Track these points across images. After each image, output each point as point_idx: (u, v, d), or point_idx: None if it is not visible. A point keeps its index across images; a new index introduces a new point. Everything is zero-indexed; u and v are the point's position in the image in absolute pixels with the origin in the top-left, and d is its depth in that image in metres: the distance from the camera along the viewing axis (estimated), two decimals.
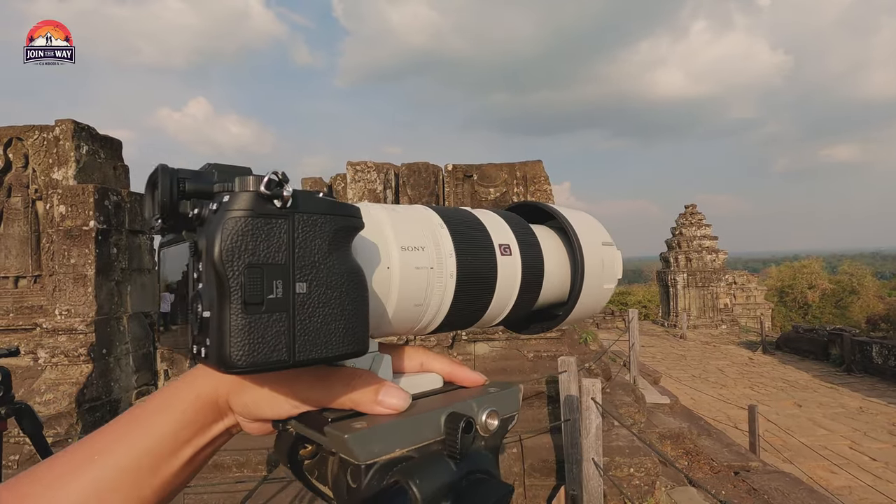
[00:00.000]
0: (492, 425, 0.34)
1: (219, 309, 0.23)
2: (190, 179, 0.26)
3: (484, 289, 0.36)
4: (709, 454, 5.08)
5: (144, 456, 0.33)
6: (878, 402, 10.43)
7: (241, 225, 0.23)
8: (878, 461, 7.66)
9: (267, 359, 0.23)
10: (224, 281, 0.23)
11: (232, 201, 0.24)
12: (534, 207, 0.44)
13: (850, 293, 31.40)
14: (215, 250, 0.23)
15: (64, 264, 4.03)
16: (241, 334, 0.23)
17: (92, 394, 3.96)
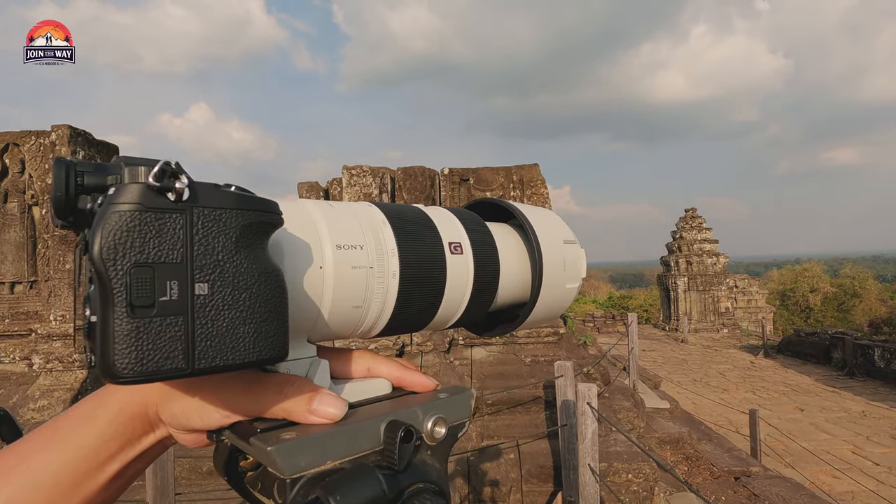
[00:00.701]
0: (439, 433, 0.32)
1: (102, 313, 0.21)
2: (90, 173, 0.24)
3: (431, 289, 0.34)
4: (709, 459, 5.03)
5: (64, 471, 0.31)
6: (880, 406, 10.35)
7: (125, 220, 0.21)
8: (881, 466, 7.58)
9: (159, 367, 0.21)
10: (106, 282, 0.21)
11: (117, 194, 0.22)
12: (492, 205, 0.43)
13: (853, 296, 31.31)
14: (95, 248, 0.21)
15: (59, 269, 4.02)
16: (126, 340, 0.21)
17: None
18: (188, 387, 0.31)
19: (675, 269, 18.88)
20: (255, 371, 0.32)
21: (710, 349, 16.07)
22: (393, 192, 4.06)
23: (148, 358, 0.21)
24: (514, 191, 4.31)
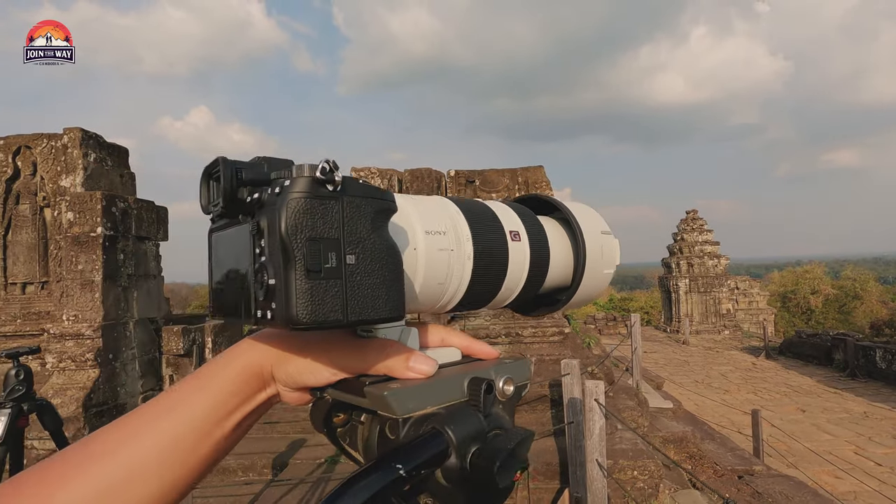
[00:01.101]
0: (508, 391, 0.38)
1: (284, 276, 0.27)
2: (245, 169, 0.30)
3: (497, 271, 0.40)
4: (712, 458, 5.08)
5: (204, 417, 0.37)
6: (882, 407, 10.39)
7: (301, 205, 0.28)
8: (883, 466, 7.62)
9: (326, 318, 0.28)
10: (289, 251, 0.27)
11: (292, 185, 0.28)
12: (538, 200, 0.49)
13: (854, 298, 31.28)
14: (281, 225, 0.27)
15: (71, 270, 4.08)
16: (304, 296, 0.27)
17: (99, 398, 4.00)
18: (302, 349, 0.37)
19: (676, 270, 18.91)
20: (355, 336, 0.38)
21: (712, 350, 16.10)
22: (400, 192, 4.12)
23: (319, 311, 0.27)
24: (519, 192, 4.37)
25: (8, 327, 4.47)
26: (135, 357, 4.43)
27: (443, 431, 0.31)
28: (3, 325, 4.48)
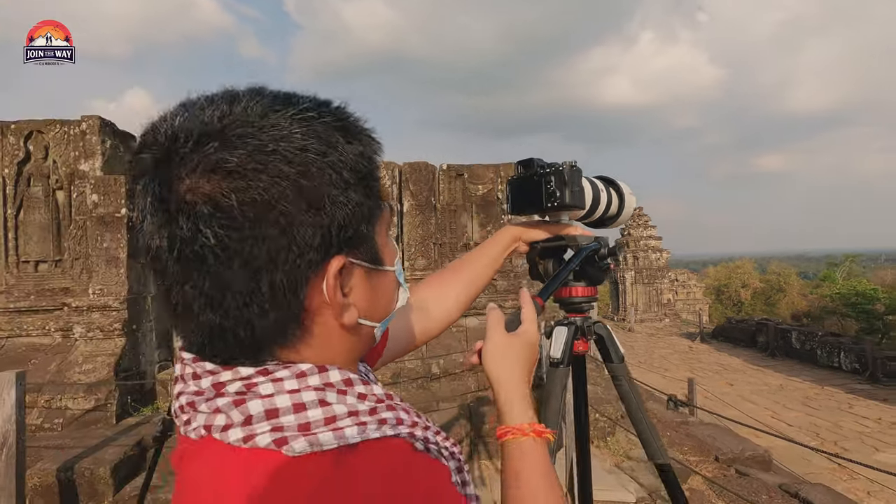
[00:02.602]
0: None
1: (561, 191, 0.96)
2: (540, 162, 0.99)
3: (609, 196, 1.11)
4: (655, 413, 6.08)
5: (495, 259, 1.05)
6: (795, 380, 12.06)
7: (575, 176, 0.96)
8: (793, 426, 9.07)
9: (571, 204, 0.96)
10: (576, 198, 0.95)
11: (570, 169, 0.97)
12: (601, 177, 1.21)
13: (778, 291, 34.27)
14: (566, 195, 0.96)
15: (97, 248, 4.45)
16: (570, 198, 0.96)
17: (125, 364, 4.41)
18: (535, 226, 1.06)
19: (623, 263, 20.44)
20: (554, 222, 1.08)
21: (654, 336, 17.69)
22: (401, 183, 4.77)
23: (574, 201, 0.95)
24: (501, 184, 5.13)
25: (22, 303, 4.74)
26: (152, 329, 4.83)
27: (601, 245, 1.01)
28: (17, 301, 4.75)
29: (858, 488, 6.63)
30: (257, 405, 0.39)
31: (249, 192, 0.37)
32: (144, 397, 4.58)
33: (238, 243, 0.38)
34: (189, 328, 0.42)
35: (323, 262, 0.41)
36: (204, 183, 0.37)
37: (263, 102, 0.40)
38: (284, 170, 0.38)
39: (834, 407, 10.07)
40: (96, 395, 4.12)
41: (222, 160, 0.37)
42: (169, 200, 0.38)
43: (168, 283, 0.41)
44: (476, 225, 5.18)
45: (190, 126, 0.38)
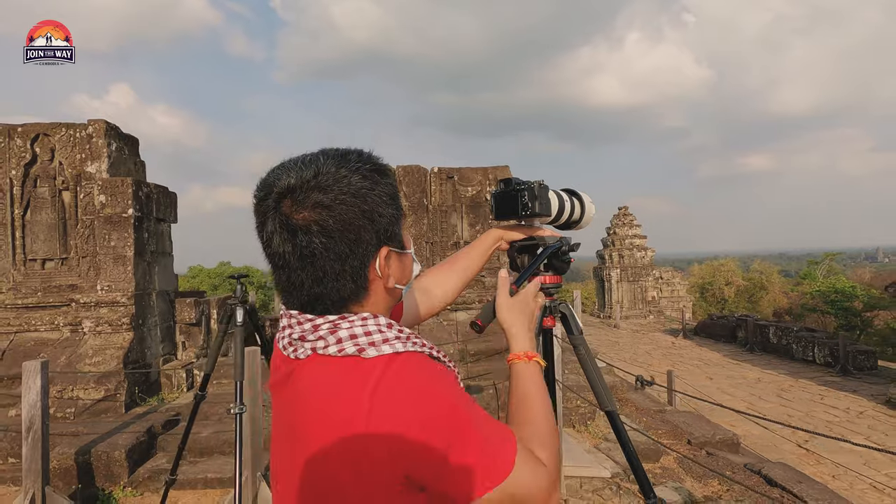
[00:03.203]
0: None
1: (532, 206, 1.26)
2: (519, 182, 1.29)
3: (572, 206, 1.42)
4: (635, 403, 6.46)
5: (483, 254, 1.36)
6: (771, 374, 12.58)
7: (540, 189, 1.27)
8: (767, 416, 9.52)
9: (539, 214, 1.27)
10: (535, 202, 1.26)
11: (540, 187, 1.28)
12: (567, 189, 1.52)
13: (760, 289, 35.07)
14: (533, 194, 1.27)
15: (104, 246, 4.67)
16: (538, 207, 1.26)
17: (133, 357, 4.64)
18: (514, 228, 1.37)
19: (609, 261, 20.93)
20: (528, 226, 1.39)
21: (639, 333, 18.17)
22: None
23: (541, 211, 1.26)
24: (490, 186, 5.44)
25: (30, 299, 4.95)
26: (157, 324, 5.06)
27: (561, 241, 1.31)
28: (25, 297, 4.95)
29: (824, 472, 7.07)
30: (344, 333, 0.70)
31: (337, 216, 0.68)
32: (150, 388, 4.82)
33: (333, 245, 0.69)
34: (298, 297, 0.73)
35: (376, 251, 0.72)
36: (312, 214, 0.68)
37: (333, 162, 0.71)
38: (352, 202, 0.69)
39: (807, 398, 10.58)
40: (106, 385, 4.35)
41: (320, 201, 0.68)
42: (292, 224, 0.68)
43: (288, 272, 0.71)
44: (466, 225, 5.49)
45: (298, 182, 0.69)
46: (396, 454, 0.63)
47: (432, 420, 0.64)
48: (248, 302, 2.17)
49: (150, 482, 3.70)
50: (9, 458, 3.91)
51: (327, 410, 0.67)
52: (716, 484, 3.83)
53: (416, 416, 0.64)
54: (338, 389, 0.68)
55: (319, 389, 0.69)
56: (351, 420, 0.64)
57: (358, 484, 0.64)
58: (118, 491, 3.68)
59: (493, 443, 0.67)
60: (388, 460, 0.63)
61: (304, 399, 0.71)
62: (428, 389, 0.67)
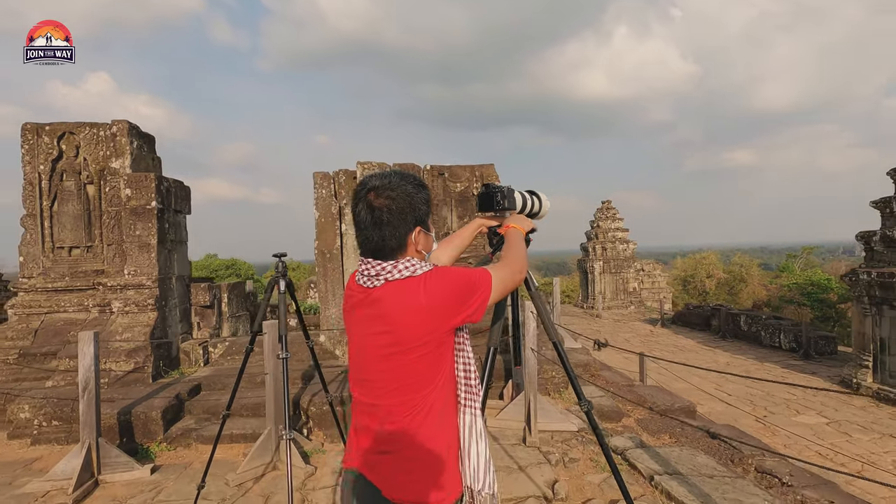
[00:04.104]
0: None
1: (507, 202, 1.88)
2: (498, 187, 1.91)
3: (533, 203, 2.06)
4: (607, 378, 7.18)
5: (470, 236, 1.99)
6: (740, 358, 13.48)
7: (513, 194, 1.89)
8: (732, 396, 10.38)
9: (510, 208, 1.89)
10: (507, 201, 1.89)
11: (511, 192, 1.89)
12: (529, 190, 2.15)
13: (740, 281, 36.23)
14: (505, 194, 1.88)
15: (130, 235, 5.21)
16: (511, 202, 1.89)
17: (157, 334, 5.21)
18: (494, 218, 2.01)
19: (592, 254, 21.75)
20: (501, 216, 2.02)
21: (619, 322, 19.04)
22: None
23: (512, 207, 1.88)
24: (476, 183, 6.08)
25: (59, 283, 5.47)
26: (176, 305, 5.62)
27: None
28: (54, 281, 5.47)
29: (777, 441, 7.90)
30: (401, 266, 1.33)
31: (396, 205, 1.33)
32: (171, 362, 5.39)
33: (392, 220, 1.33)
34: (369, 247, 1.36)
35: (413, 228, 1.37)
36: (384, 201, 1.33)
37: (399, 177, 1.36)
38: (405, 199, 1.34)
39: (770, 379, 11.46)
40: (135, 358, 4.92)
41: (389, 195, 1.33)
42: (372, 205, 1.33)
43: (367, 232, 1.35)
44: (455, 217, 6.11)
45: (380, 184, 1.34)
46: (442, 307, 1.27)
47: (457, 285, 1.31)
48: (286, 276, 2.76)
49: (181, 439, 4.30)
50: (53, 420, 4.47)
51: (404, 298, 1.30)
52: (666, 437, 4.54)
53: (448, 283, 1.29)
54: (406, 288, 1.31)
55: (396, 293, 1.32)
56: (416, 295, 1.28)
57: (424, 334, 1.28)
58: (154, 446, 4.27)
59: (482, 277, 1.35)
60: (440, 312, 1.27)
61: (386, 300, 1.34)
62: (448, 272, 1.33)
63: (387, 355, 1.31)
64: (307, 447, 4.11)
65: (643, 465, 3.61)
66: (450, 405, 1.37)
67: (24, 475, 3.92)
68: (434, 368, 1.32)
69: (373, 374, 1.35)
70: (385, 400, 1.33)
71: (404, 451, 1.31)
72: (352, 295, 1.43)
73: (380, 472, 1.32)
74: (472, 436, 1.39)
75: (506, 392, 5.17)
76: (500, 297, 1.47)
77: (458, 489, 1.36)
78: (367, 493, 1.32)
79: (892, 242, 9.80)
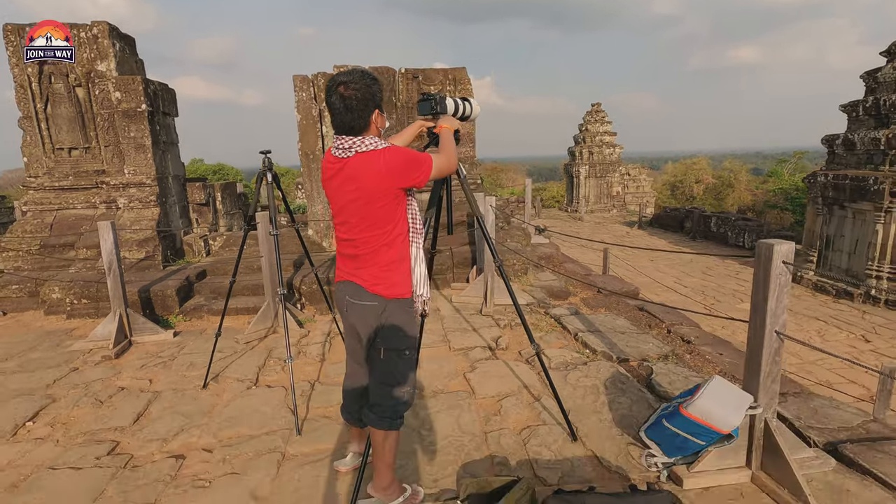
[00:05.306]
0: None
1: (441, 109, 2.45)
2: (432, 95, 2.47)
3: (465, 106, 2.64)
4: (568, 269, 8.12)
5: (413, 134, 2.60)
6: (704, 256, 14.59)
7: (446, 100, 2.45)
8: (687, 287, 11.53)
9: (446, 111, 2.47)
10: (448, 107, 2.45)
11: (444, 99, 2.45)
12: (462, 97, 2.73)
13: (727, 187, 36.90)
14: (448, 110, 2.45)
15: (126, 136, 5.69)
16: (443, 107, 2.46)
17: (162, 227, 5.90)
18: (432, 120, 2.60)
19: (578, 158, 22.13)
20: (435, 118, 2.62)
21: (600, 224, 20.00)
22: None
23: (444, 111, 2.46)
24: (449, 86, 6.46)
25: (64, 182, 6.03)
26: (175, 203, 6.25)
27: None
28: (59, 180, 6.03)
29: (715, 323, 9.09)
30: (368, 141, 1.99)
31: (360, 94, 1.98)
32: (177, 253, 6.14)
33: (358, 105, 1.98)
34: (341, 126, 2.01)
35: (375, 109, 2.02)
36: (351, 92, 1.96)
37: (359, 73, 2.00)
38: (367, 89, 1.99)
39: (725, 274, 12.64)
40: (146, 248, 5.66)
41: (356, 87, 1.97)
42: (343, 94, 1.97)
43: (340, 116, 2.00)
44: None
45: (346, 79, 1.97)
46: (395, 172, 1.94)
47: (407, 157, 1.97)
48: (272, 170, 3.36)
49: (194, 312, 5.17)
50: (82, 300, 5.30)
51: (369, 164, 1.97)
52: (602, 311, 5.49)
53: (401, 156, 1.95)
54: (371, 158, 1.97)
55: (363, 161, 1.98)
56: (378, 162, 1.95)
57: (383, 189, 1.96)
58: (173, 318, 5.15)
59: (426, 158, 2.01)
60: (394, 175, 1.94)
61: (355, 165, 2.00)
62: (400, 149, 1.99)
63: (359, 206, 2.01)
64: (301, 317, 5.00)
65: (572, 325, 4.54)
66: (403, 239, 2.10)
67: (67, 339, 4.82)
68: (392, 214, 2.03)
69: (351, 217, 2.05)
70: (361, 235, 2.06)
71: (375, 266, 2.07)
72: (329, 167, 2.09)
73: (360, 277, 2.08)
74: (416, 261, 2.15)
75: (471, 276, 6.04)
76: (438, 176, 2.15)
77: (409, 290, 2.13)
78: (353, 287, 2.10)
79: (852, 146, 10.40)
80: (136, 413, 3.31)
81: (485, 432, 2.84)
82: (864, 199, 9.53)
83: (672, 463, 2.43)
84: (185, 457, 2.77)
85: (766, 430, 2.32)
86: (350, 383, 2.45)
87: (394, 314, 2.11)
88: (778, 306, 2.24)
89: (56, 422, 3.26)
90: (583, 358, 3.88)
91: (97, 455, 2.82)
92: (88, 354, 4.40)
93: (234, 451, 2.80)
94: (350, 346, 2.37)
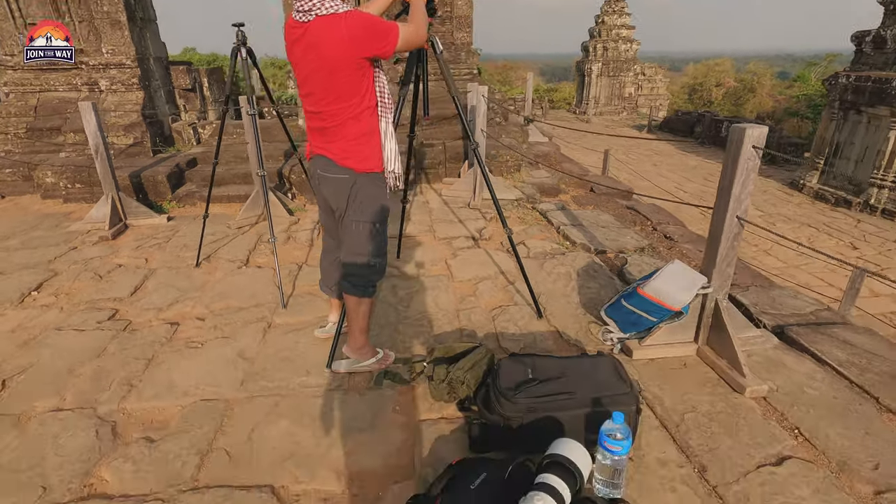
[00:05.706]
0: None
1: None
2: None
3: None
4: (565, 168, 8.05)
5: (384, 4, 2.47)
6: (710, 162, 14.36)
7: None
8: (687, 192, 11.49)
9: None
10: None
11: None
12: None
13: (749, 91, 35.06)
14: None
15: (99, 11, 5.39)
16: None
17: (147, 113, 5.81)
18: None
19: (592, 54, 20.88)
20: None
21: (608, 127, 19.40)
22: None
23: None
24: None
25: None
26: (160, 87, 6.08)
27: None
28: None
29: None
30: (328, 3, 1.93)
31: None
32: (166, 140, 6.10)
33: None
34: None
35: None
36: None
37: None
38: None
39: None
40: (134, 133, 5.61)
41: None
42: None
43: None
44: None
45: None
46: (358, 40, 1.91)
47: (370, 24, 1.92)
48: (246, 44, 3.23)
49: (186, 199, 5.27)
50: (76, 184, 5.37)
51: (330, 31, 1.93)
52: (591, 208, 5.55)
53: (363, 21, 1.91)
54: (331, 23, 1.92)
55: (323, 26, 1.93)
56: (339, 28, 1.90)
57: (346, 58, 1.93)
58: (166, 203, 5.26)
59: (391, 26, 1.96)
60: (357, 44, 1.91)
61: (316, 32, 1.95)
62: (363, 14, 1.94)
63: (322, 76, 1.99)
64: (291, 205, 5.10)
65: (556, 220, 4.63)
66: (371, 113, 2.10)
67: (65, 221, 4.97)
68: (357, 86, 2.02)
69: (316, 89, 2.04)
70: (327, 107, 2.06)
71: (344, 139, 2.10)
72: (291, 32, 2.04)
73: (331, 151, 2.13)
74: (386, 136, 2.17)
75: (462, 170, 6.03)
76: (405, 48, 2.09)
77: (380, 164, 2.18)
78: (324, 161, 2.16)
79: (882, 43, 9.75)
80: (133, 286, 3.53)
81: (458, 310, 3.05)
82: (882, 104, 9.15)
83: (626, 338, 2.64)
84: (180, 324, 3.01)
85: (715, 309, 2.48)
86: (326, 257, 2.59)
87: (364, 187, 2.17)
88: (742, 191, 2.29)
89: (59, 292, 3.50)
90: (562, 249, 4.02)
91: (98, 320, 3.06)
92: (86, 235, 4.57)
93: (225, 319, 3.03)
94: (324, 221, 2.47)
